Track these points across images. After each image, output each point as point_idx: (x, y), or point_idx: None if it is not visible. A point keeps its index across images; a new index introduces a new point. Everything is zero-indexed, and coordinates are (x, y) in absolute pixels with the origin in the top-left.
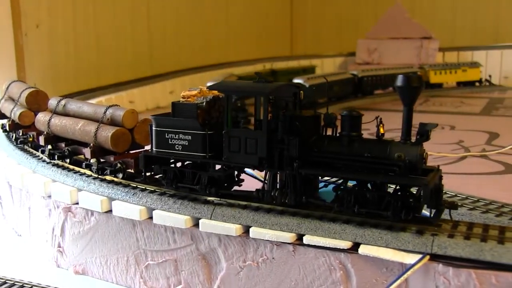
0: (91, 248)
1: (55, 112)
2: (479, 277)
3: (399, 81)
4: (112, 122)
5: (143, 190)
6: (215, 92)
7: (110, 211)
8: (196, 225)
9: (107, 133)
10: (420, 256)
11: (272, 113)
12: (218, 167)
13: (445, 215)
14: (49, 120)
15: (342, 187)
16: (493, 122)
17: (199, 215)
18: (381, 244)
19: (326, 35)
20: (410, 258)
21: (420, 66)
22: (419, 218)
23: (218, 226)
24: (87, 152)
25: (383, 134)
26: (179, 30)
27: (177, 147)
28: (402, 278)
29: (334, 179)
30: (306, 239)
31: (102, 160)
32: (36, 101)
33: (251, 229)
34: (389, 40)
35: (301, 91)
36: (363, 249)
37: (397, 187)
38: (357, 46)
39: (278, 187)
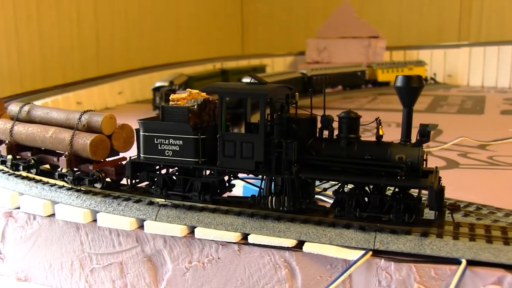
0: (34, 253)
1: (17, 119)
2: (419, 271)
3: (399, 82)
4: (88, 129)
5: (86, 192)
6: (204, 95)
7: (53, 214)
8: (141, 226)
9: (84, 140)
10: (362, 252)
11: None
12: (207, 172)
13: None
14: (12, 128)
15: (340, 190)
16: (437, 119)
17: (144, 217)
18: (325, 241)
19: (277, 35)
20: (353, 255)
21: (368, 64)
22: (422, 221)
23: (163, 227)
24: (62, 161)
25: (382, 136)
26: (127, 30)
27: (167, 152)
28: (346, 274)
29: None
30: (251, 238)
31: (75, 169)
32: None
33: (196, 230)
34: (338, 39)
35: (296, 93)
36: (307, 247)
37: (395, 190)
38: (306, 45)
39: (274, 192)
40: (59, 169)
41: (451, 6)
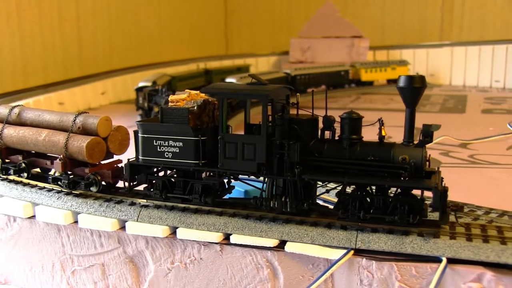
0: (15, 256)
1: (7, 122)
2: (400, 269)
3: (401, 82)
4: (84, 131)
5: (68, 194)
6: (203, 95)
7: (34, 216)
8: (123, 227)
9: (80, 143)
10: (344, 251)
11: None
12: (204, 174)
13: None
14: (1, 131)
15: (342, 191)
16: (420, 118)
17: (126, 218)
18: (307, 241)
19: (260, 35)
20: (335, 254)
21: (351, 64)
22: (426, 222)
23: (145, 228)
24: (56, 165)
25: (384, 136)
26: (110, 30)
27: (167, 154)
28: (328, 274)
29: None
30: (233, 239)
31: (69, 172)
32: None
33: (178, 230)
34: (322, 39)
35: (298, 94)
36: (289, 247)
37: (397, 191)
38: (290, 45)
39: (276, 194)
40: (52, 173)
41: (433, 6)
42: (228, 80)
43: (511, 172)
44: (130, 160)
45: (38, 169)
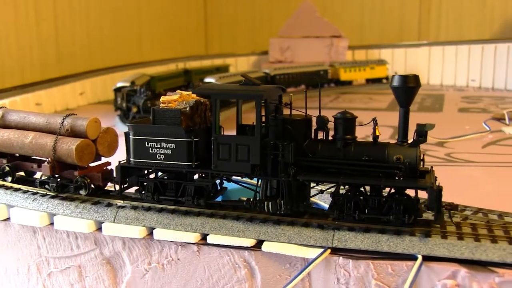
0: None
1: None
2: (376, 267)
3: (395, 81)
4: (72, 133)
5: (43, 195)
6: (195, 96)
7: (8, 218)
8: (100, 229)
9: (69, 145)
10: (321, 250)
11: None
12: (196, 176)
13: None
14: None
15: (338, 192)
16: (398, 117)
17: (102, 219)
18: (284, 240)
19: (240, 34)
20: (312, 253)
21: (330, 64)
22: (422, 221)
23: (122, 229)
24: (44, 168)
25: (378, 136)
26: (89, 30)
27: (159, 156)
28: (305, 273)
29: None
30: (210, 239)
31: (56, 175)
32: None
33: (154, 231)
34: (301, 38)
35: (291, 94)
36: (266, 246)
37: (391, 191)
38: (269, 45)
39: (270, 195)
40: (38, 176)
41: (411, 6)
42: (208, 80)
43: (486, 170)
44: (121, 162)
45: (22, 173)
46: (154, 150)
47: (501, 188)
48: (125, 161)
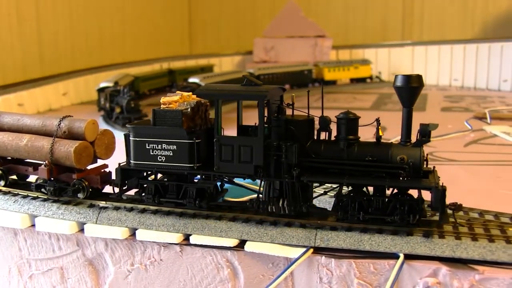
0: None
1: None
2: (359, 266)
3: (398, 81)
4: (70, 135)
5: (24, 197)
6: (195, 97)
7: None
8: (82, 230)
9: (67, 148)
10: (304, 249)
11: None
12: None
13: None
14: None
15: (342, 193)
16: (382, 116)
17: (84, 220)
18: (267, 240)
19: (225, 34)
20: (294, 252)
21: (315, 63)
22: (426, 221)
23: (104, 230)
24: (41, 171)
25: (381, 136)
26: (72, 29)
27: (160, 158)
28: (287, 272)
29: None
30: (193, 239)
31: (52, 179)
32: None
33: (137, 232)
34: (285, 38)
35: (293, 94)
36: (249, 246)
37: (393, 191)
38: (254, 45)
39: (273, 196)
40: (35, 180)
41: (394, 6)
42: (191, 80)
43: (468, 169)
44: (121, 164)
45: (14, 176)
46: (155, 152)
47: (482, 186)
48: (125, 163)
